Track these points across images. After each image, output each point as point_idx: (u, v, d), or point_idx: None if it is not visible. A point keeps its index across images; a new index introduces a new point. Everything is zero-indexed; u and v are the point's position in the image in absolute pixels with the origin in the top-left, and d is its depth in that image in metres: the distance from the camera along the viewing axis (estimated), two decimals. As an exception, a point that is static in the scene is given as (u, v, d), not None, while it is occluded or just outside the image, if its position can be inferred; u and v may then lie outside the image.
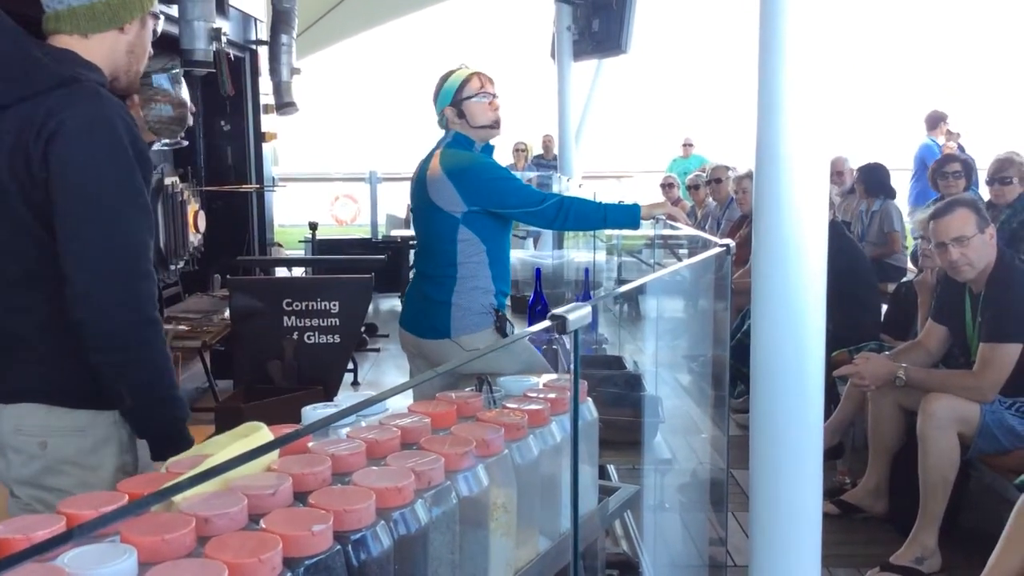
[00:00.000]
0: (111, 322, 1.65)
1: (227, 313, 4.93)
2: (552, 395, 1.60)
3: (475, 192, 2.84)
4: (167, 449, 1.70)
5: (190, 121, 3.26)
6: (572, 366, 1.25)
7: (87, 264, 1.64)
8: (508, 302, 3.08)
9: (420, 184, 2.96)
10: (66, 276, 1.65)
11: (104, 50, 1.78)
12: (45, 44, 1.75)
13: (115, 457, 1.78)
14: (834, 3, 1.72)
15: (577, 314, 1.21)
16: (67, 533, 0.75)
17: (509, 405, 1.54)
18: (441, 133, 3.06)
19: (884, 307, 4.91)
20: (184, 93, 3.26)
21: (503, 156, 11.19)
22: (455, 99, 2.92)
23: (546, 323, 1.17)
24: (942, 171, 5.71)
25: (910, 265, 6.14)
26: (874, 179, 6.46)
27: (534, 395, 1.61)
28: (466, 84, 2.93)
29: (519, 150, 11.23)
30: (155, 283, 1.74)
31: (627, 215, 2.94)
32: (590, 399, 1.71)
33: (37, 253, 1.70)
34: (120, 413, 1.76)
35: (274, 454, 1.24)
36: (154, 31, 1.88)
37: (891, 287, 5.30)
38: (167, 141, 3.70)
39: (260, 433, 1.25)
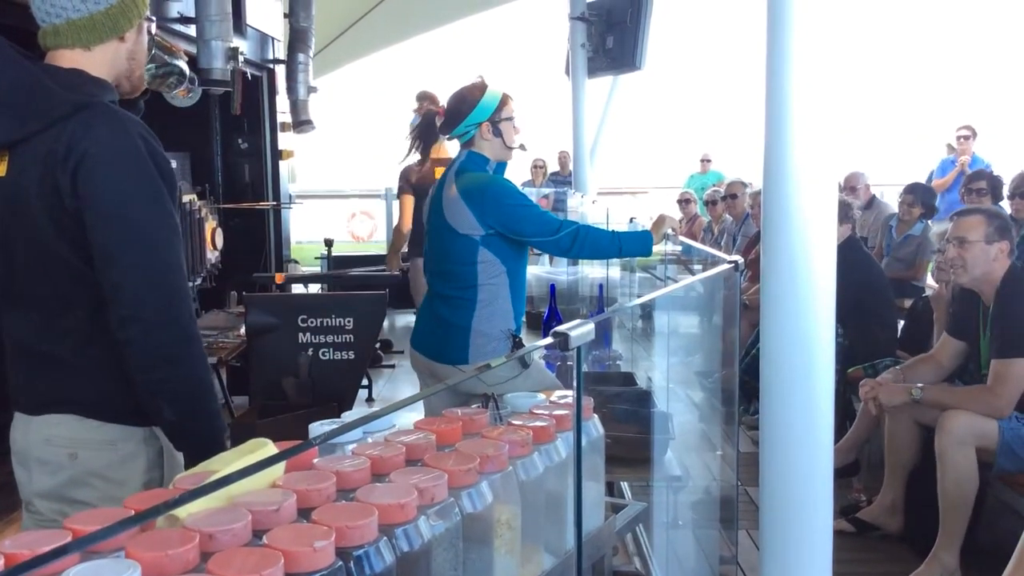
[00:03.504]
0: (155, 342, 1.68)
1: (243, 329, 4.97)
2: (558, 412, 1.60)
3: (491, 216, 2.83)
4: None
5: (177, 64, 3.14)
6: (575, 382, 1.25)
7: (128, 288, 1.67)
8: (523, 319, 3.08)
9: (436, 206, 2.96)
10: (109, 301, 1.68)
11: (107, 60, 1.79)
12: (51, 66, 1.76)
13: (142, 473, 1.79)
14: (841, 16, 1.72)
15: (580, 331, 1.22)
16: (67, 545, 0.76)
17: (514, 422, 1.54)
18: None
19: (901, 323, 4.88)
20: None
21: (521, 172, 11.24)
22: (493, 117, 2.93)
23: (548, 340, 1.17)
24: (968, 187, 5.71)
25: (929, 281, 6.09)
26: (930, 199, 6.39)
27: (540, 412, 1.61)
28: (504, 104, 2.95)
29: (537, 167, 11.27)
30: (191, 299, 1.77)
31: (640, 243, 2.94)
32: (596, 416, 1.70)
33: (70, 278, 1.72)
34: (161, 427, 1.78)
35: (280, 470, 1.25)
36: (148, 32, 1.90)
37: (908, 303, 5.27)
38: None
39: (266, 449, 1.26)
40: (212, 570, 1.00)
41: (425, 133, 3.14)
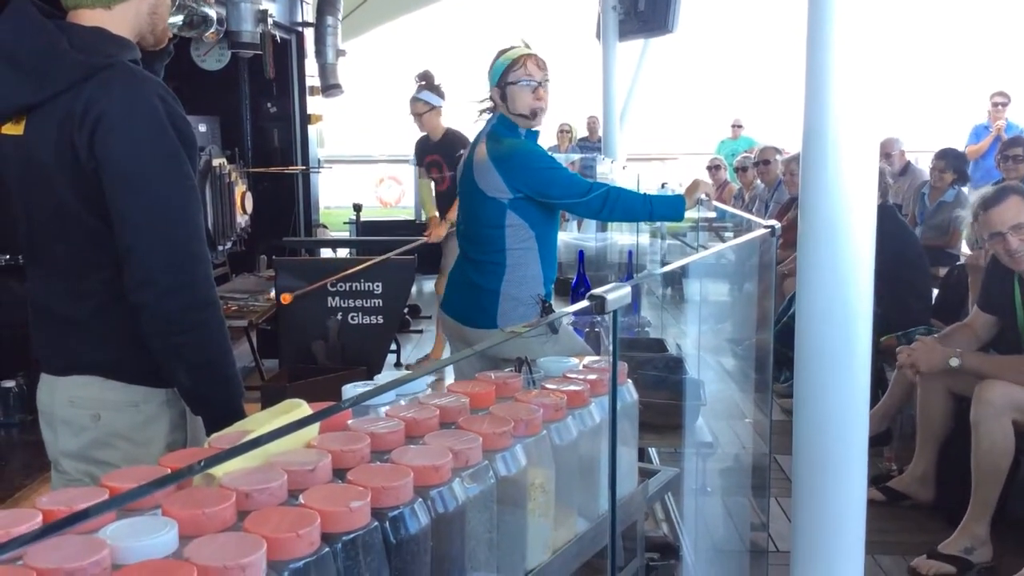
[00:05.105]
0: (170, 306, 1.66)
1: (273, 293, 4.99)
2: (592, 376, 1.59)
3: (519, 180, 2.81)
4: (223, 427, 1.72)
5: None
6: (611, 346, 1.24)
7: (143, 251, 1.65)
8: (553, 285, 3.06)
9: (467, 170, 2.94)
10: (123, 263, 1.67)
11: (128, 17, 1.77)
12: (72, 25, 1.74)
13: (165, 435, 1.80)
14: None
15: (616, 294, 1.20)
16: (104, 503, 0.76)
17: (548, 386, 1.53)
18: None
19: (935, 291, 4.81)
20: None
21: (548, 138, 11.15)
22: (500, 81, 2.86)
23: (584, 303, 1.15)
24: (1004, 154, 5.58)
25: (964, 249, 6.00)
26: (961, 165, 6.28)
27: (574, 376, 1.60)
28: (513, 67, 2.84)
29: (563, 131, 11.17)
30: (210, 264, 1.75)
31: (672, 207, 2.89)
32: (630, 381, 1.69)
33: (89, 241, 1.72)
34: (178, 391, 1.78)
35: (314, 432, 1.25)
36: None
37: (942, 271, 5.19)
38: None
39: (300, 410, 1.26)
40: (249, 528, 1.00)
41: None
